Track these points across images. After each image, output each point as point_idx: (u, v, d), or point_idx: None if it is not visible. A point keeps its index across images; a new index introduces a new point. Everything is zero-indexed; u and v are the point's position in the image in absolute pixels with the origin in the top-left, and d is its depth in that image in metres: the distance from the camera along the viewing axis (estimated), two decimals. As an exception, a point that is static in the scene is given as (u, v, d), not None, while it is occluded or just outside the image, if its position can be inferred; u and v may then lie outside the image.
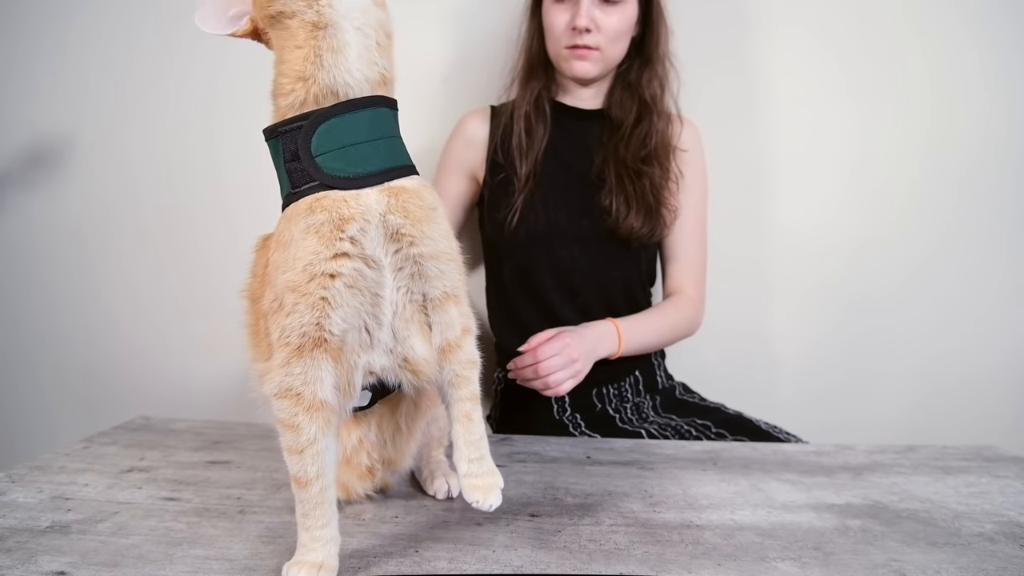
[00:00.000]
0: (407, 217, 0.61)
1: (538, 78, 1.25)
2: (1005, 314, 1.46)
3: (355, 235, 0.59)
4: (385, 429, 0.77)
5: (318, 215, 0.59)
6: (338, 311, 0.59)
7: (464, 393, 0.67)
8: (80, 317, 1.56)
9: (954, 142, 1.43)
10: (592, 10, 1.15)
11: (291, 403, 0.59)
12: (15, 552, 0.68)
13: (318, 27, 0.59)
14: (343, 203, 0.59)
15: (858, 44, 1.42)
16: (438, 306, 0.64)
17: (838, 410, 1.48)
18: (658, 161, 1.23)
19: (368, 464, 0.77)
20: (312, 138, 0.60)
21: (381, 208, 0.60)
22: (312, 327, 0.58)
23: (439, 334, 0.65)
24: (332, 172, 0.60)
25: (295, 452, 0.60)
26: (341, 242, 0.58)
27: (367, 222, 0.59)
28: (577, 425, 1.22)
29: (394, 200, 0.61)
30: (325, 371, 0.60)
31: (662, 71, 1.25)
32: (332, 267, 0.58)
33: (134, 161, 1.52)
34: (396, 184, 0.62)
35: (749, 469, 0.96)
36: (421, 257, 0.62)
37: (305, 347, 0.58)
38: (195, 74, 1.48)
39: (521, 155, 1.22)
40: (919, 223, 1.45)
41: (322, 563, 0.62)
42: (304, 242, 0.58)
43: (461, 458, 0.66)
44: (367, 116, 0.61)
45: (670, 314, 1.25)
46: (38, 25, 1.51)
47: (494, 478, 0.66)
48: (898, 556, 0.70)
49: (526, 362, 1.09)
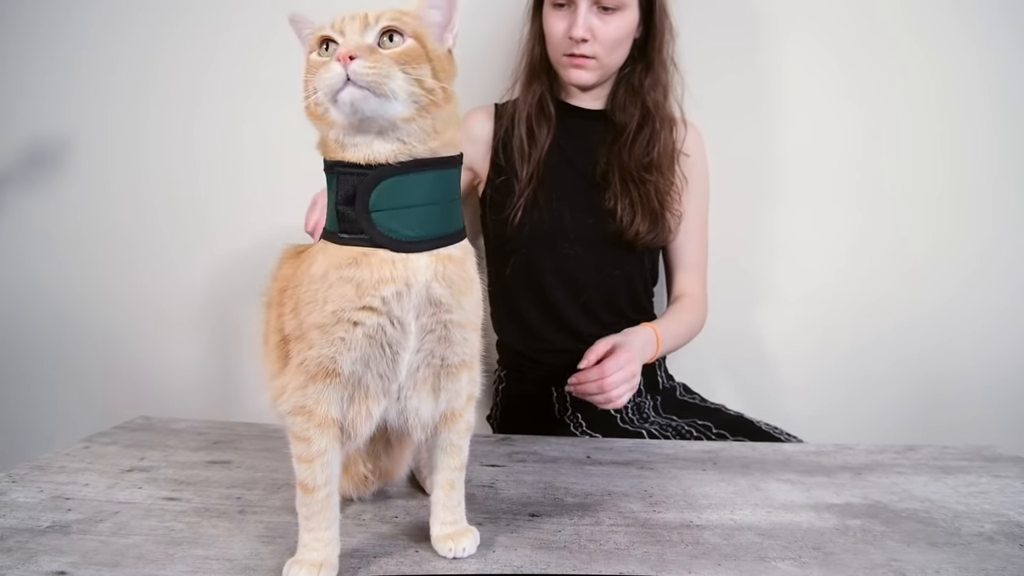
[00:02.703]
0: (450, 287, 0.62)
1: (540, 80, 1.25)
2: (1005, 314, 1.46)
3: (387, 296, 0.60)
4: (378, 442, 0.78)
5: (362, 271, 0.60)
6: (352, 353, 0.61)
7: (454, 462, 0.70)
8: (80, 317, 1.56)
9: (956, 142, 1.43)
10: (590, 19, 1.13)
11: (304, 419, 0.63)
12: (15, 552, 0.68)
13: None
14: (389, 265, 0.60)
15: (860, 46, 1.42)
16: (453, 373, 0.66)
17: (838, 410, 1.48)
18: (661, 168, 1.22)
19: (364, 473, 0.79)
20: (372, 193, 0.60)
21: (428, 275, 0.61)
22: (328, 360, 0.61)
23: (445, 401, 0.67)
24: (386, 231, 0.60)
25: (305, 461, 0.64)
26: (372, 298, 0.60)
27: (407, 287, 0.60)
28: (578, 425, 1.22)
29: (441, 268, 0.61)
30: (335, 395, 0.63)
31: (664, 75, 1.23)
32: (357, 316, 0.60)
33: (134, 161, 1.52)
34: (445, 252, 0.62)
35: (749, 469, 0.96)
36: (451, 323, 0.63)
37: (319, 376, 0.62)
38: (196, 73, 1.48)
39: (524, 154, 1.22)
40: (920, 223, 1.45)
41: (323, 562, 0.63)
42: (339, 289, 0.60)
43: (435, 520, 0.70)
44: (431, 178, 0.61)
45: (686, 318, 1.27)
46: (38, 25, 1.51)
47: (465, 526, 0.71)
48: (898, 556, 0.70)
49: (591, 378, 1.07)
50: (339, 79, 0.56)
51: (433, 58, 0.60)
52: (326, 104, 0.58)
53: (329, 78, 0.57)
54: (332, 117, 0.59)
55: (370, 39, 0.59)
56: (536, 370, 1.27)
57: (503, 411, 1.32)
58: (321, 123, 0.61)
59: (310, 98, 0.59)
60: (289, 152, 1.45)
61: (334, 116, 0.59)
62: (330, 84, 0.57)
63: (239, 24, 1.46)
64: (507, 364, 1.32)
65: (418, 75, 0.59)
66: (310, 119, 0.62)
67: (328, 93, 0.57)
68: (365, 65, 0.56)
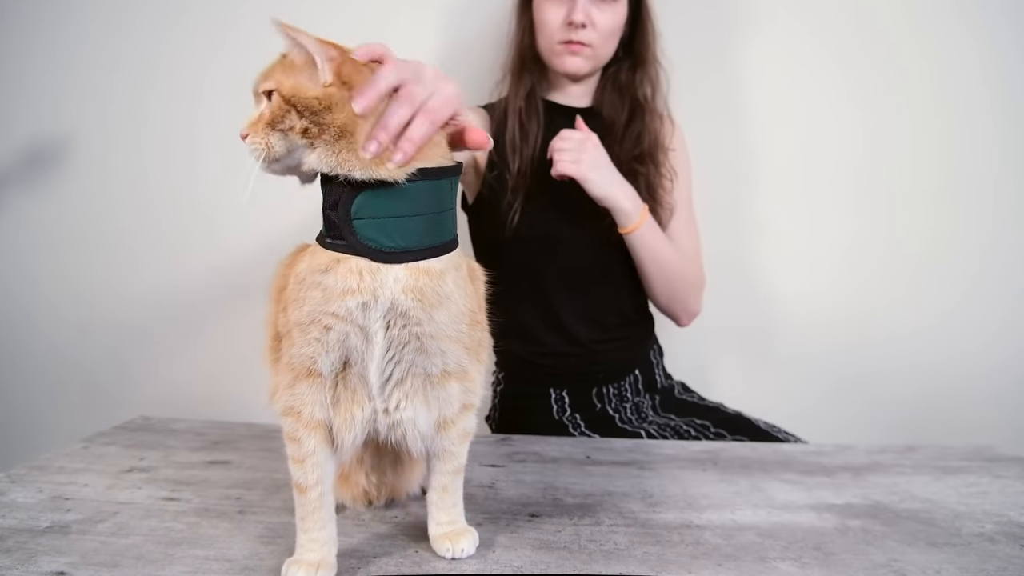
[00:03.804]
0: (420, 300, 0.61)
1: (530, 73, 1.25)
2: (1005, 314, 1.46)
3: (351, 307, 0.60)
4: (385, 456, 0.77)
5: (329, 278, 0.60)
6: (328, 355, 0.62)
7: (448, 467, 0.70)
8: (80, 317, 1.56)
9: (954, 142, 1.43)
10: (588, 6, 1.15)
11: (293, 420, 0.64)
12: (15, 552, 0.68)
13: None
14: (356, 276, 0.60)
15: (852, 43, 1.42)
16: (437, 383, 0.66)
17: (838, 410, 1.48)
18: (652, 160, 1.23)
19: (365, 487, 0.78)
20: (355, 201, 0.60)
21: (397, 288, 0.60)
22: (308, 359, 0.62)
23: (436, 409, 0.67)
24: (364, 240, 0.60)
25: (297, 461, 0.64)
26: (338, 307, 0.60)
27: (373, 298, 0.60)
28: (577, 425, 1.22)
29: (412, 281, 0.60)
30: (318, 396, 0.64)
31: (654, 72, 1.26)
32: (327, 321, 0.61)
33: (134, 161, 1.52)
34: (424, 265, 0.61)
35: (749, 469, 0.96)
36: (423, 335, 0.62)
37: (302, 375, 0.63)
38: (197, 73, 1.48)
39: (516, 151, 1.22)
40: (920, 223, 1.45)
41: (320, 562, 0.63)
42: (311, 292, 0.61)
43: (432, 521, 0.70)
44: (415, 189, 0.60)
45: (682, 257, 1.25)
46: (38, 24, 1.51)
47: (463, 527, 0.70)
48: (898, 556, 0.70)
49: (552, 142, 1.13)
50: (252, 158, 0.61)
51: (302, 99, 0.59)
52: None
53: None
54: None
55: (262, 107, 0.62)
56: (534, 371, 1.27)
57: (501, 412, 1.32)
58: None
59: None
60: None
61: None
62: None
63: (240, 23, 1.46)
64: (505, 366, 1.32)
65: (289, 125, 0.59)
66: None
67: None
68: (250, 142, 0.61)
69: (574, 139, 1.12)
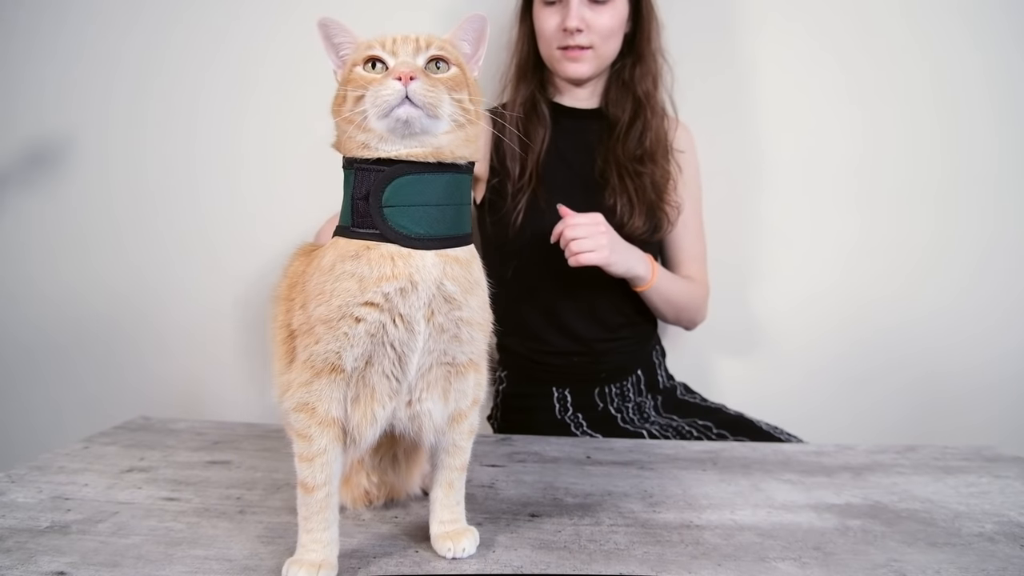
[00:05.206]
0: (458, 285, 0.63)
1: (529, 80, 1.26)
2: (1005, 314, 1.45)
3: (390, 293, 0.61)
4: (384, 455, 0.78)
5: (362, 265, 0.61)
6: (355, 349, 0.62)
7: (455, 462, 0.71)
8: (80, 317, 1.56)
9: (954, 141, 1.43)
10: (582, 10, 1.15)
11: (307, 416, 0.64)
12: (15, 552, 0.68)
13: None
14: (388, 262, 0.61)
15: (853, 43, 1.42)
16: (461, 372, 0.68)
17: (838, 410, 1.48)
18: (655, 157, 1.23)
19: (366, 487, 0.78)
20: (387, 189, 0.62)
21: (437, 273, 0.62)
22: (333, 355, 0.62)
23: (453, 401, 0.68)
24: (396, 227, 0.62)
25: (306, 459, 0.64)
26: (374, 294, 0.61)
27: (411, 284, 0.61)
28: (579, 425, 1.22)
29: (449, 268, 0.63)
30: (338, 393, 0.64)
31: (654, 66, 1.25)
32: (360, 312, 0.61)
33: (134, 161, 1.52)
34: (452, 253, 0.64)
35: (749, 469, 0.96)
36: (462, 321, 0.64)
37: (324, 371, 0.63)
38: (197, 73, 1.48)
39: (516, 158, 1.22)
40: (920, 222, 1.45)
41: (321, 562, 0.63)
42: (344, 283, 0.62)
43: (434, 519, 0.71)
44: (444, 180, 0.63)
45: (689, 284, 1.27)
46: (38, 24, 1.51)
47: (464, 526, 0.71)
48: (898, 556, 0.70)
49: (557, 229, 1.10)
50: (397, 96, 0.60)
51: (470, 84, 0.66)
52: (374, 117, 0.61)
53: (387, 94, 0.60)
54: (372, 126, 0.62)
55: (420, 63, 0.63)
56: (537, 371, 1.27)
57: (503, 412, 1.32)
58: (356, 129, 0.63)
59: (355, 111, 0.62)
60: (290, 152, 1.47)
61: (376, 126, 0.62)
62: (387, 100, 0.60)
63: (240, 24, 1.46)
64: (508, 365, 1.32)
65: (460, 99, 0.63)
66: (342, 124, 0.64)
67: (383, 107, 0.60)
68: (424, 87, 0.61)
69: (583, 225, 1.08)
